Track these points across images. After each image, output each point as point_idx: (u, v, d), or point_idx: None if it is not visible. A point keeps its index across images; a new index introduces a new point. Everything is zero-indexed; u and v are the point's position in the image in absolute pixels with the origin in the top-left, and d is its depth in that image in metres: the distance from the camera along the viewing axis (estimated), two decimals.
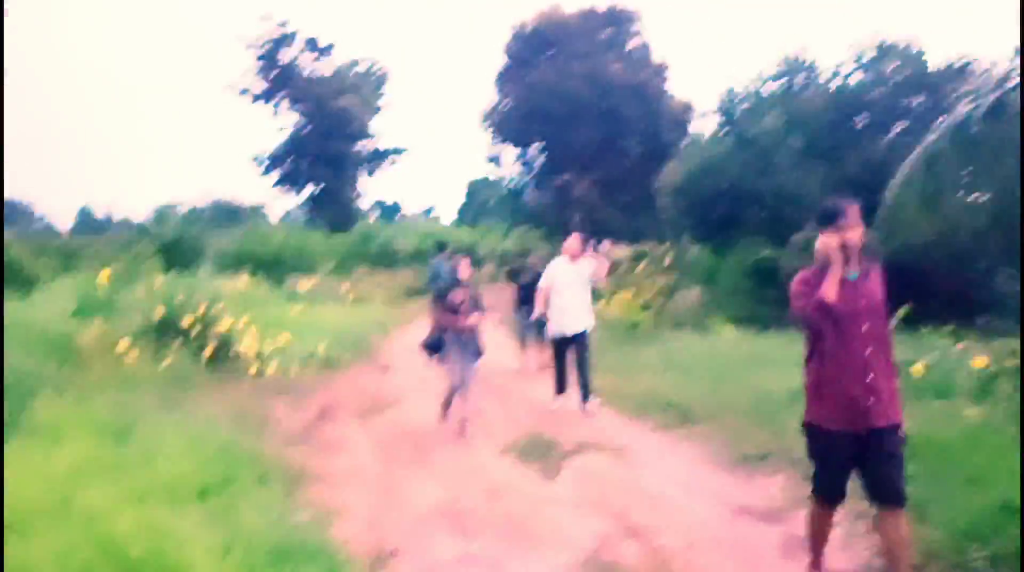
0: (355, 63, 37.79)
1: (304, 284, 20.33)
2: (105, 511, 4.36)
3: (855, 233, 3.82)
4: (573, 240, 9.12)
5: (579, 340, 8.79)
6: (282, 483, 5.88)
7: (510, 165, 28.96)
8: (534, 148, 27.04)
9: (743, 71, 19.42)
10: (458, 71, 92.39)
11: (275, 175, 37.79)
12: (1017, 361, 7.65)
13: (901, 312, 8.66)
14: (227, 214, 40.00)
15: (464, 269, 8.09)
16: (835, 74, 17.41)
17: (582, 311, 8.85)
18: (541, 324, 12.05)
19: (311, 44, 36.52)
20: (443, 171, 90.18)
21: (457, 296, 7.87)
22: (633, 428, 8.08)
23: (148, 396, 7.46)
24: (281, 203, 56.89)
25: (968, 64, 16.11)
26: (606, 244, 22.21)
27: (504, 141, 27.55)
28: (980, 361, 7.49)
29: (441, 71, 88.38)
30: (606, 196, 23.98)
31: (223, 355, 10.48)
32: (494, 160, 28.90)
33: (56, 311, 11.05)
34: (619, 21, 24.98)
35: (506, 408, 9.23)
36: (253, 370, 10.43)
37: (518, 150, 27.80)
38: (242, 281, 17.04)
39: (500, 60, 25.50)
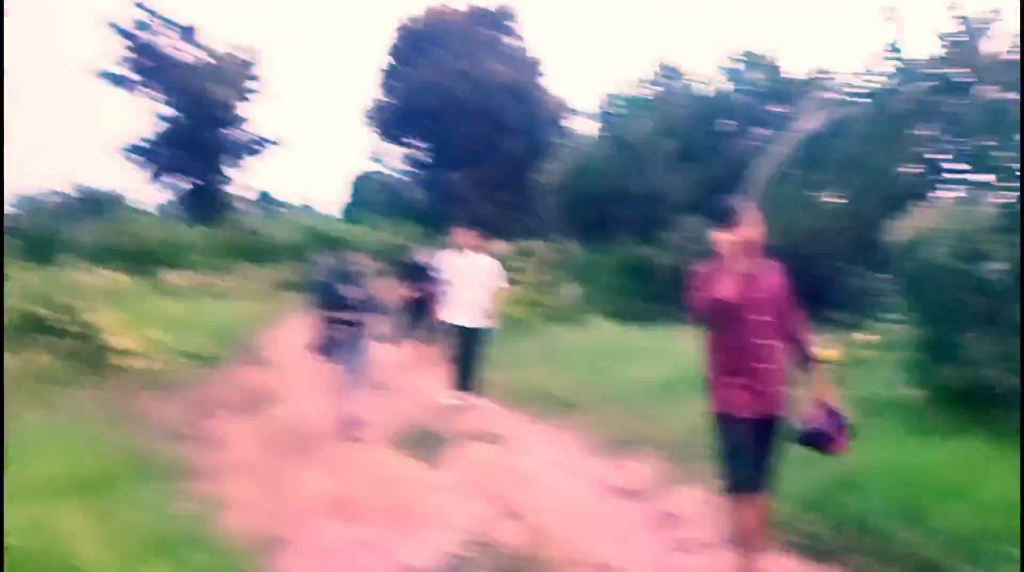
0: (229, 51, 36.40)
1: (177, 279, 19.78)
2: None
3: (751, 230, 3.92)
4: (467, 234, 9.02)
5: (472, 334, 8.73)
6: (162, 478, 5.86)
7: (394, 162, 28.93)
8: (418, 145, 27.05)
9: (619, 75, 20.22)
10: (340, 64, 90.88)
11: (140, 164, 36.13)
12: (871, 353, 8.42)
13: None
14: (91, 205, 38.15)
15: (365, 266, 8.03)
16: (705, 82, 18.30)
17: (476, 307, 8.74)
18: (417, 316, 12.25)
19: (176, 28, 35.03)
20: (324, 164, 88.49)
21: (352, 293, 7.69)
22: (513, 418, 8.37)
23: (14, 394, 7.22)
24: (147, 193, 54.01)
25: (819, 77, 17.23)
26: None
27: (388, 138, 27.49)
28: (831, 353, 8.16)
29: (323, 64, 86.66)
30: (488, 194, 24.31)
31: (93, 352, 10.19)
32: (378, 158, 28.81)
33: None
34: (499, 20, 25.36)
35: (390, 401, 9.37)
36: (125, 366, 10.21)
37: (402, 147, 27.78)
38: (111, 276, 16.47)
39: (383, 57, 25.47)
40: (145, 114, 36.03)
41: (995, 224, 6.66)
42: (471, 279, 8.74)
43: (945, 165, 7.40)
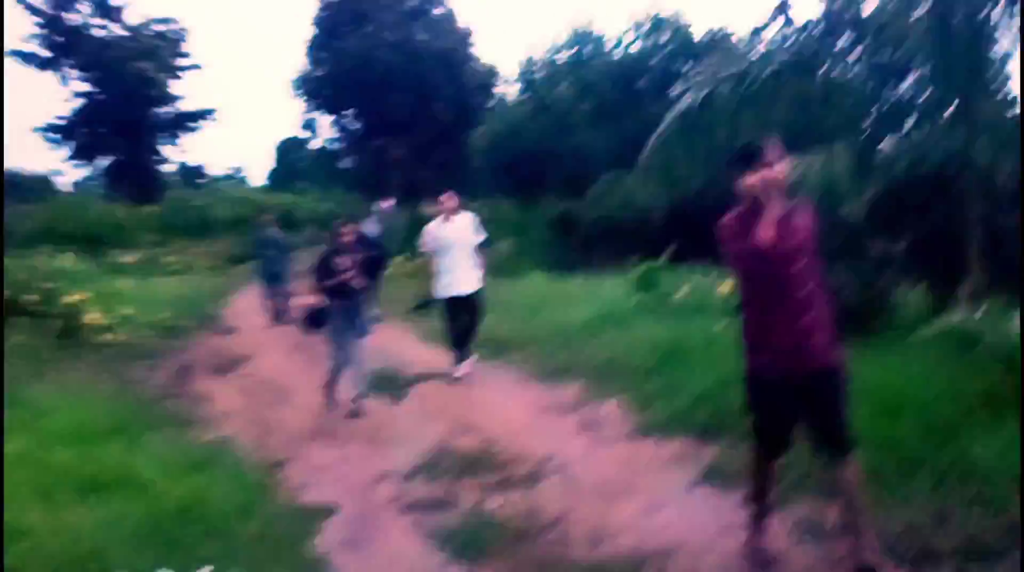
0: (149, 23, 35.89)
1: (126, 258, 20.40)
2: (34, 452, 5.36)
3: (779, 169, 3.64)
4: (448, 198, 8.72)
5: (472, 301, 8.54)
6: (169, 426, 6.95)
7: (325, 130, 29.62)
8: (348, 114, 27.76)
9: (539, 39, 21.22)
10: (263, 35, 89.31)
11: (66, 147, 35.71)
12: None
13: (668, 250, 10.75)
14: (18, 189, 37.72)
15: (348, 234, 7.55)
16: (618, 44, 19.56)
17: (470, 270, 8.50)
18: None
19: (100, 6, 34.38)
20: (249, 132, 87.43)
21: (344, 262, 7.37)
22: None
23: (11, 369, 8.11)
24: (73, 174, 52.61)
25: (726, 34, 18.64)
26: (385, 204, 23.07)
27: (317, 108, 28.15)
28: (724, 287, 9.60)
29: (247, 36, 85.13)
30: (420, 158, 25.28)
31: (71, 328, 11.10)
32: (309, 126, 29.46)
33: None
34: None
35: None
36: (103, 339, 11.17)
37: (332, 116, 28.46)
38: (67, 258, 17.13)
39: (308, 28, 26.06)
40: (68, 96, 35.43)
41: (850, 169, 8.07)
42: (459, 245, 8.47)
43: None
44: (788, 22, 11.30)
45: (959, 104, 7.07)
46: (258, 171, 53.60)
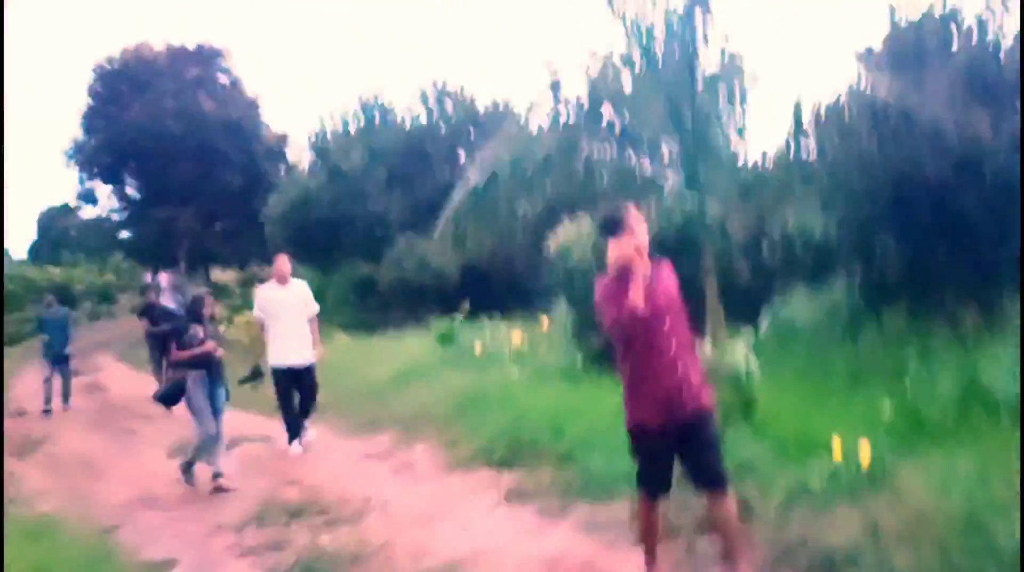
0: None
1: None
2: None
3: (639, 234, 3.85)
4: (282, 262, 8.43)
5: (305, 373, 8.30)
6: None
7: (104, 200, 28.57)
8: (129, 183, 27.04)
9: (329, 109, 21.88)
10: (18, 100, 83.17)
11: None
12: (549, 333, 11.01)
13: (463, 307, 11.81)
14: None
15: (208, 306, 7.57)
16: (409, 116, 20.74)
17: (305, 340, 8.26)
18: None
19: None
20: (9, 202, 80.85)
21: (199, 332, 7.28)
22: (271, 421, 10.03)
23: None
24: None
25: (507, 107, 20.31)
26: (164, 276, 22.92)
27: (94, 177, 27.19)
28: (517, 338, 10.73)
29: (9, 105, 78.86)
30: (209, 225, 25.10)
31: None
32: (87, 196, 28.28)
33: None
34: (207, 58, 26.18)
35: (167, 424, 10.63)
36: None
37: (110, 186, 27.58)
38: None
39: (82, 98, 25.25)
40: None
41: None
42: (293, 311, 8.22)
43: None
44: (557, 100, 12.95)
45: (691, 173, 8.58)
46: (17, 243, 49.62)
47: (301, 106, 62.42)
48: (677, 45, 8.02)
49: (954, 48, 7.70)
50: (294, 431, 8.30)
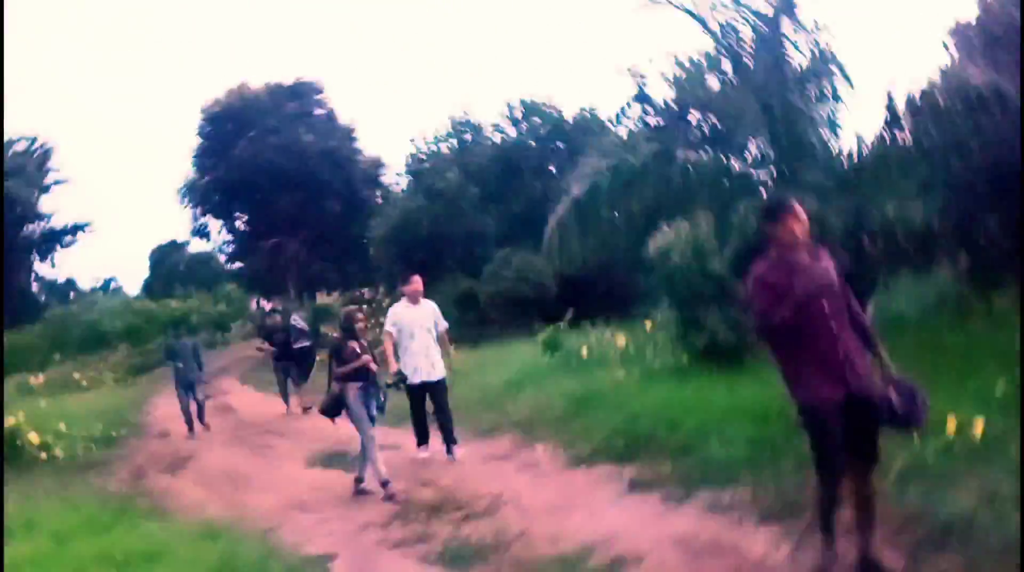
0: (12, 142, 35.54)
1: (35, 379, 20.41)
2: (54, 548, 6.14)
3: (801, 219, 3.98)
4: (416, 281, 8.74)
5: (437, 387, 8.55)
6: (154, 516, 7.73)
7: (215, 234, 30.24)
8: (238, 217, 28.56)
9: (420, 131, 22.78)
10: (125, 142, 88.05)
11: None
12: (653, 333, 11.32)
13: (567, 315, 12.25)
14: None
15: (360, 321, 8.09)
16: (496, 130, 21.39)
17: (435, 356, 8.57)
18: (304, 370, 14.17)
19: None
20: (117, 242, 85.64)
21: (354, 347, 7.72)
22: (393, 431, 10.62)
23: None
24: None
25: (593, 115, 20.72)
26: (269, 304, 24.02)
27: (206, 214, 28.83)
28: (621, 341, 11.09)
29: (107, 143, 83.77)
30: (314, 251, 26.25)
31: (15, 448, 11.48)
32: (200, 232, 30.02)
33: None
34: (304, 92, 27.50)
35: (298, 438, 11.42)
36: (46, 456, 11.62)
37: (221, 221, 29.18)
38: None
39: (193, 138, 26.91)
40: None
41: (717, 235, 9.73)
42: (423, 328, 8.53)
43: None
44: (645, 110, 13.25)
45: (787, 171, 8.81)
46: (131, 280, 52.47)
47: (392, 129, 64.20)
48: (765, 46, 8.30)
49: None
50: (422, 436, 8.80)
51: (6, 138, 35.25)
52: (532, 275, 16.02)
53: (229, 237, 29.82)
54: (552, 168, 19.78)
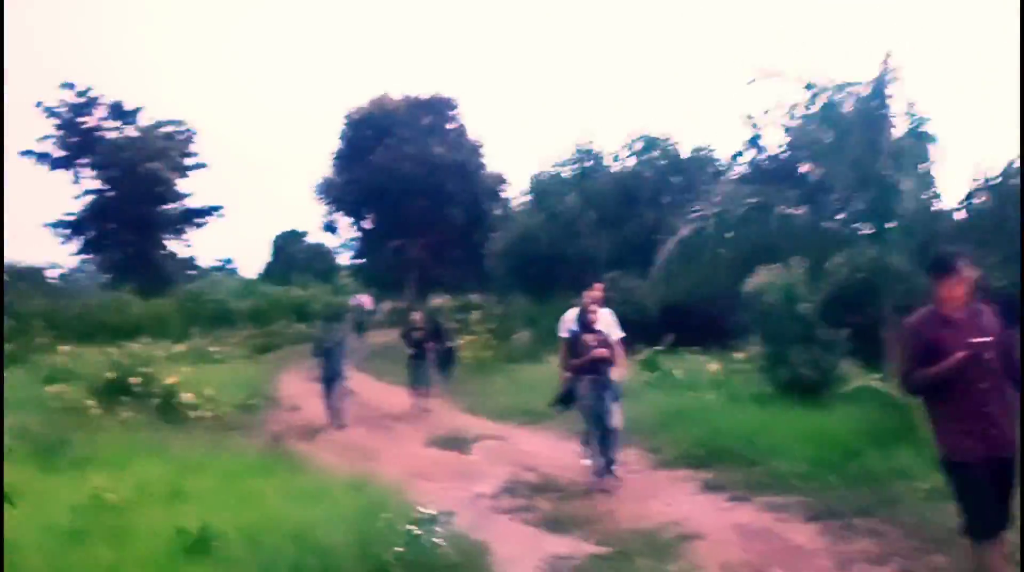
0: (160, 124, 37.81)
1: (178, 348, 22.78)
2: (229, 482, 7.76)
3: (967, 276, 4.03)
4: (597, 288, 8.71)
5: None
6: (301, 471, 9.32)
7: (343, 230, 32.56)
8: (366, 217, 30.73)
9: (545, 154, 24.33)
10: (270, 138, 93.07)
11: (74, 241, 37.48)
12: (743, 364, 12.37)
13: (667, 339, 13.43)
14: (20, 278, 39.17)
15: (594, 313, 8.09)
16: (616, 159, 22.70)
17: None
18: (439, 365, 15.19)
19: (115, 109, 36.78)
20: (240, 227, 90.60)
21: (588, 340, 7.87)
22: (503, 425, 12.05)
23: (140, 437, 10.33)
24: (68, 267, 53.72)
25: (708, 151, 21.78)
26: (365, 298, 25.71)
27: (338, 211, 31.15)
28: (713, 367, 12.21)
29: (258, 138, 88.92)
30: (435, 256, 28.08)
31: (168, 406, 13.31)
32: (329, 227, 32.39)
33: None
34: (438, 107, 29.52)
35: (416, 422, 12.97)
36: (196, 415, 13.44)
37: (351, 219, 31.45)
38: (137, 346, 19.52)
39: (335, 141, 29.22)
40: (79, 194, 37.48)
41: (804, 278, 10.77)
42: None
43: None
44: (760, 149, 14.35)
45: (877, 228, 9.78)
46: (248, 263, 55.33)
47: (515, 148, 66.39)
48: (863, 118, 9.34)
49: None
50: (602, 462, 8.18)
51: (154, 120, 38.47)
52: (637, 299, 17.20)
53: (356, 234, 32.08)
54: (665, 200, 20.86)
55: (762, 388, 10.68)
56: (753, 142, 17.06)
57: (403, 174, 26.90)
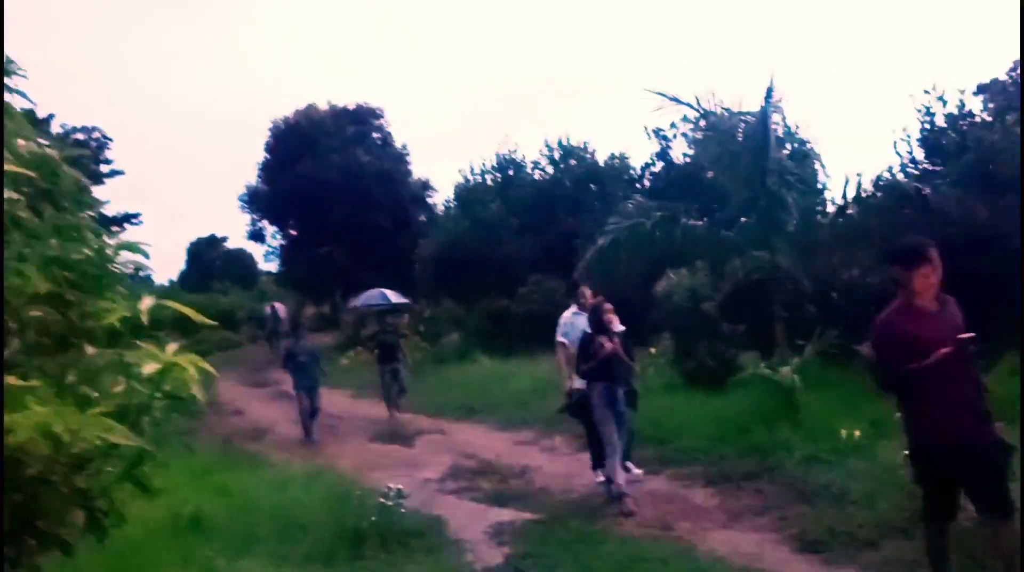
0: (73, 131, 37.70)
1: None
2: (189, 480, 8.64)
3: (935, 268, 3.99)
4: (587, 290, 8.71)
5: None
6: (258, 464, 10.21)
7: (270, 239, 33.00)
8: (292, 225, 31.30)
9: (468, 157, 25.47)
10: (179, 137, 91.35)
11: None
12: (658, 358, 13.69)
13: None
14: None
15: (609, 312, 7.56)
16: (536, 167, 24.00)
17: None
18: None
19: (26, 117, 36.44)
20: (161, 233, 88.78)
21: (602, 342, 7.28)
22: (440, 421, 13.11)
23: None
24: None
25: (624, 159, 23.25)
26: (280, 306, 26.21)
27: (264, 219, 31.64)
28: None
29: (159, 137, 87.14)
30: (361, 261, 28.86)
31: None
32: (255, 235, 32.81)
33: None
34: (365, 116, 30.33)
35: (358, 420, 13.90)
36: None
37: (275, 227, 31.99)
38: None
39: (256, 150, 29.83)
40: None
41: (706, 280, 12.18)
42: None
43: None
44: (668, 162, 15.71)
45: (767, 236, 11.21)
46: (162, 270, 53.86)
47: (440, 153, 67.22)
48: (753, 138, 10.75)
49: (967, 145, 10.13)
50: (598, 459, 7.90)
51: (67, 127, 37.86)
52: (558, 300, 18.42)
53: (282, 241, 32.56)
54: (584, 206, 22.18)
55: (672, 378, 12.00)
56: (662, 155, 18.65)
57: (329, 182, 27.62)
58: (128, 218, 39.48)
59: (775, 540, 5.91)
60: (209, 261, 56.12)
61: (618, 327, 7.59)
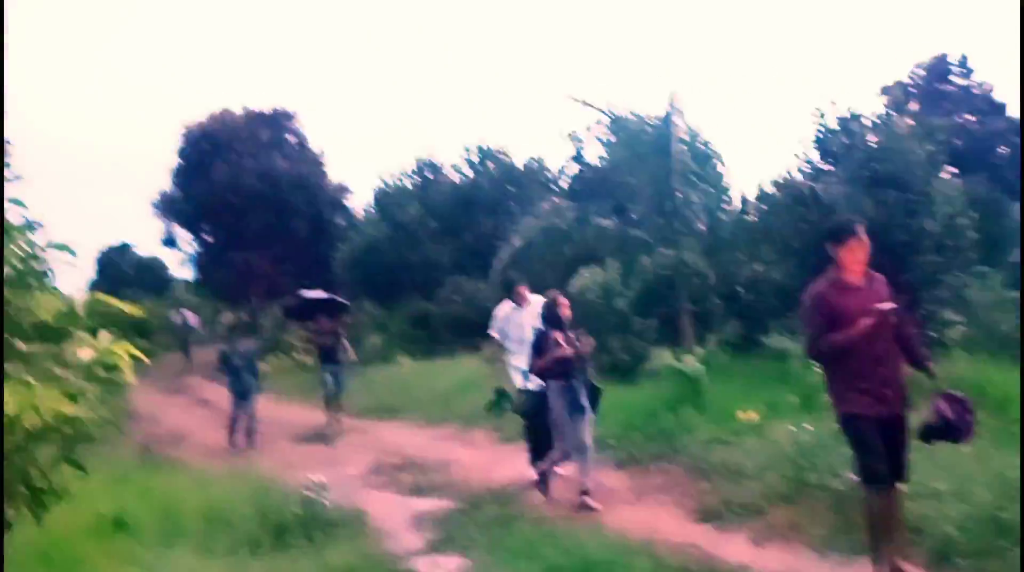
0: None
1: None
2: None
3: (864, 244, 4.22)
4: (524, 289, 8.07)
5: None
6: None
7: (183, 244, 32.28)
8: (206, 231, 30.76)
9: (386, 161, 25.56)
10: (84, 141, 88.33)
11: None
12: None
13: None
14: None
15: (565, 306, 7.19)
16: (455, 170, 24.33)
17: None
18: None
19: None
20: (65, 240, 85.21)
21: (556, 338, 6.86)
22: (362, 421, 13.29)
23: None
24: None
25: (540, 164, 23.78)
26: (190, 314, 25.89)
27: (178, 225, 31.00)
28: None
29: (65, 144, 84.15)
30: (280, 267, 28.63)
31: None
32: (169, 242, 32.08)
33: None
34: (279, 120, 30.05)
35: (280, 424, 13.95)
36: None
37: (190, 234, 31.34)
38: None
39: (173, 157, 29.13)
40: None
41: (622, 280, 12.69)
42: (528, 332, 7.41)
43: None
44: (582, 163, 16.21)
45: (673, 234, 11.78)
46: (68, 279, 51.80)
47: (358, 157, 66.72)
48: (657, 145, 11.32)
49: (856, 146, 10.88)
50: (538, 454, 7.55)
51: None
52: (478, 301, 18.82)
53: (197, 249, 31.93)
54: (502, 208, 22.60)
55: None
56: (577, 158, 19.24)
57: (244, 188, 27.33)
58: (29, 227, 38.26)
59: (676, 514, 6.39)
60: (120, 269, 54.69)
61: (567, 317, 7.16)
